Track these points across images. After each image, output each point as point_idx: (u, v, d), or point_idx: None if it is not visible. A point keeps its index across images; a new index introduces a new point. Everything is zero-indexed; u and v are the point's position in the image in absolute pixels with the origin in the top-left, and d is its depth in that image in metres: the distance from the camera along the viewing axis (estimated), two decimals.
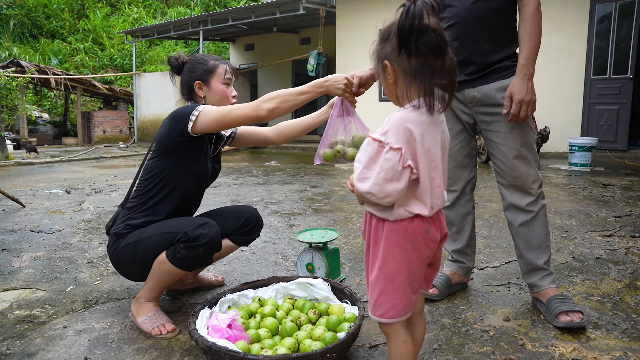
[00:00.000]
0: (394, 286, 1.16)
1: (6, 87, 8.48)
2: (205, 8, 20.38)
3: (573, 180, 5.26)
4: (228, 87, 1.99)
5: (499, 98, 1.85)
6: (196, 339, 1.47)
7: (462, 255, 2.12)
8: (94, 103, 16.82)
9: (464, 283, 2.16)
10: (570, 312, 1.78)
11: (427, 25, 1.05)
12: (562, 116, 7.70)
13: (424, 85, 1.09)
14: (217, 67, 1.97)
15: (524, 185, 1.89)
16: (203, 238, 1.70)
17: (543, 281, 1.92)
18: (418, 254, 1.16)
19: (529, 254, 1.92)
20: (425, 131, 1.11)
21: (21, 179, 6.25)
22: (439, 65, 1.08)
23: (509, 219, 1.97)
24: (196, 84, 1.95)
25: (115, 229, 1.87)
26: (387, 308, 1.17)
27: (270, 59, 13.12)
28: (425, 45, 1.06)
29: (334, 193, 4.78)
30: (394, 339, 1.21)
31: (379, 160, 1.08)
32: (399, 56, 1.09)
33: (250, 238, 2.09)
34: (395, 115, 1.12)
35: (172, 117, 1.84)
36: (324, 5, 9.69)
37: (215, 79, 1.96)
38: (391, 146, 1.07)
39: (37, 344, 1.72)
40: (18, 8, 19.40)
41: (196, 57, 2.01)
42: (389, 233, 1.16)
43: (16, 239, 3.14)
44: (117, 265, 1.89)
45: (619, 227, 3.18)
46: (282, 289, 1.91)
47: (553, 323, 1.79)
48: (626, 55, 7.32)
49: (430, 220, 1.17)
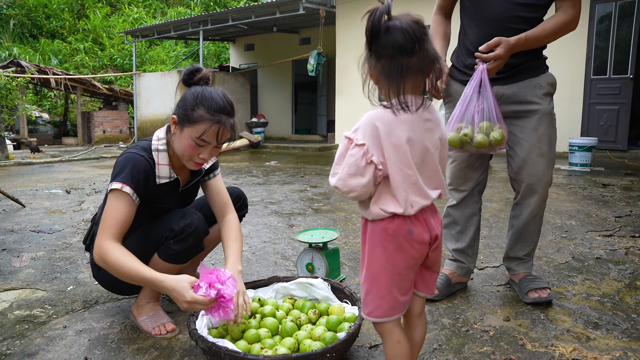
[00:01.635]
0: (378, 286, 1.18)
1: (6, 87, 8.48)
2: (205, 8, 20.38)
3: (573, 180, 5.26)
4: (200, 147, 1.62)
5: (530, 95, 1.90)
6: (196, 339, 1.47)
7: (462, 255, 2.12)
8: (94, 103, 16.82)
9: (463, 283, 2.17)
10: (538, 289, 1.96)
11: (392, 25, 1.08)
12: (562, 116, 7.65)
13: (395, 83, 1.11)
14: (200, 122, 1.58)
15: (537, 184, 1.94)
16: (189, 227, 1.72)
17: (519, 267, 2.10)
18: (403, 255, 1.16)
19: (514, 245, 2.08)
20: (394, 128, 1.11)
21: (21, 179, 6.25)
22: (411, 63, 1.09)
23: (515, 212, 2.06)
24: (172, 117, 1.66)
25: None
26: (372, 307, 1.20)
27: (270, 59, 13.12)
28: (390, 45, 1.08)
29: (334, 193, 4.78)
30: (388, 339, 1.22)
31: (346, 157, 1.13)
32: (370, 58, 1.13)
33: (242, 214, 2.13)
34: (368, 112, 1.14)
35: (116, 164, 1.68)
36: (324, 5, 9.70)
37: (189, 130, 1.60)
38: (356, 142, 1.11)
39: (37, 344, 1.72)
40: (18, 8, 19.40)
41: (205, 90, 1.62)
42: (371, 233, 1.19)
43: (16, 239, 3.14)
44: (110, 288, 1.88)
45: (619, 227, 3.18)
46: (282, 289, 1.91)
47: (524, 300, 1.98)
48: (626, 55, 7.32)
49: (415, 220, 1.16)
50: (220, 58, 19.20)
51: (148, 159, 1.71)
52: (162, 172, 1.73)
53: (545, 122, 1.91)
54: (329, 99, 12.21)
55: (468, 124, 1.73)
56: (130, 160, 1.66)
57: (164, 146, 1.74)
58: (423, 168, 1.16)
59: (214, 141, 1.62)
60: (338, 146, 1.35)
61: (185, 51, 19.83)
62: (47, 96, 16.61)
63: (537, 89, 1.90)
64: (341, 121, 10.22)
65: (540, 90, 1.91)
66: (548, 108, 1.93)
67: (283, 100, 13.79)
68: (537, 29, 1.79)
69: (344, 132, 1.16)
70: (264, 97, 14.27)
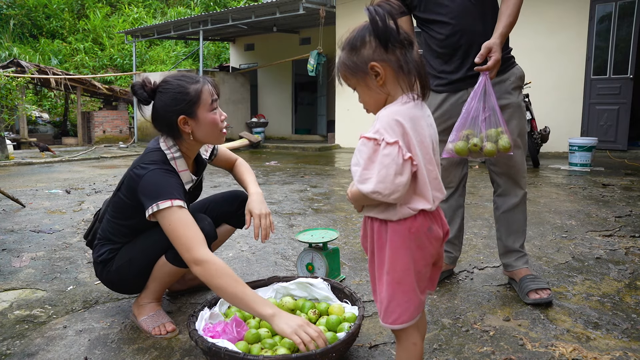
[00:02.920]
0: (403, 289, 1.15)
1: (6, 87, 8.47)
2: (205, 8, 20.38)
3: (573, 180, 5.26)
4: (216, 111, 1.72)
5: (500, 91, 1.97)
6: (196, 340, 1.47)
7: (450, 245, 2.27)
8: (94, 103, 16.81)
9: (450, 270, 2.32)
10: (539, 289, 1.98)
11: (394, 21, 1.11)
12: (562, 116, 7.70)
13: (412, 73, 1.12)
14: (201, 92, 1.67)
15: (517, 175, 2.06)
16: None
17: (517, 262, 2.12)
18: (422, 252, 1.15)
19: (507, 238, 2.13)
20: (416, 124, 1.11)
21: (21, 179, 6.24)
22: (412, 55, 1.13)
23: (498, 204, 2.16)
24: (180, 119, 1.67)
25: (99, 257, 1.82)
26: (399, 313, 1.15)
27: (270, 59, 13.12)
28: (403, 37, 1.11)
29: (334, 193, 4.78)
30: (404, 340, 1.20)
31: (378, 158, 1.07)
32: (386, 53, 1.11)
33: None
34: (384, 112, 1.12)
35: (143, 186, 1.62)
36: (324, 5, 9.69)
37: (202, 109, 1.67)
38: (387, 141, 1.06)
39: (37, 344, 1.72)
40: (18, 8, 19.39)
41: (171, 83, 1.68)
42: (393, 234, 1.14)
43: (16, 239, 3.14)
44: (113, 287, 1.89)
45: (619, 227, 3.18)
46: (282, 289, 1.91)
47: (524, 300, 2.00)
48: (626, 55, 7.32)
49: (433, 217, 1.17)
50: (220, 58, 19.20)
51: (170, 171, 1.70)
52: (185, 178, 1.77)
53: (517, 115, 2.00)
54: (329, 99, 12.20)
55: (476, 133, 1.75)
56: (160, 177, 1.63)
57: (178, 152, 1.75)
58: (436, 162, 1.18)
59: (216, 96, 1.74)
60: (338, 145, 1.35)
61: (185, 51, 19.83)
62: (47, 96, 16.61)
63: (506, 84, 1.99)
64: (341, 121, 10.22)
65: (509, 85, 2.00)
66: (518, 101, 2.02)
67: (283, 100, 13.79)
68: (504, 15, 1.85)
69: (361, 134, 1.11)
70: (264, 97, 14.27)
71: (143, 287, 1.85)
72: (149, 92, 1.70)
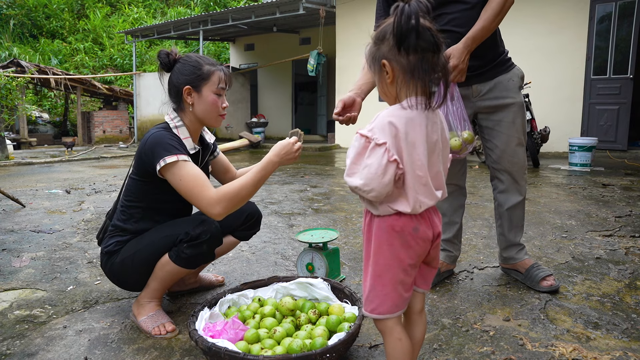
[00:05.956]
0: (382, 282, 1.18)
1: (6, 87, 8.47)
2: (205, 8, 20.38)
3: (573, 180, 5.26)
4: (220, 97, 1.84)
5: (505, 90, 2.02)
6: (196, 340, 1.47)
7: (450, 245, 2.27)
8: (94, 103, 16.82)
9: (450, 270, 2.30)
10: (547, 276, 2.09)
11: (424, 23, 1.08)
12: (562, 116, 7.70)
13: (421, 80, 1.12)
14: (212, 73, 1.80)
15: (519, 172, 2.11)
16: (205, 235, 1.73)
17: (519, 254, 2.20)
18: (407, 251, 1.17)
19: (509, 232, 2.18)
20: (411, 128, 1.12)
21: (21, 179, 6.24)
22: (435, 61, 1.12)
23: (500, 201, 2.18)
24: (185, 89, 1.80)
25: (106, 248, 1.85)
26: (376, 304, 1.20)
27: (270, 59, 13.12)
28: (424, 42, 1.09)
29: (334, 193, 4.78)
30: (388, 336, 1.22)
31: (365, 156, 1.11)
32: (398, 54, 1.11)
33: (252, 232, 2.15)
34: (384, 112, 1.14)
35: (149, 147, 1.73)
36: (324, 5, 9.70)
37: (207, 87, 1.80)
38: (376, 142, 1.09)
39: (37, 344, 1.72)
40: (18, 8, 19.40)
41: (190, 57, 1.85)
42: (378, 229, 1.19)
43: (16, 239, 3.14)
44: (116, 280, 1.89)
45: (619, 227, 3.18)
46: (282, 289, 1.91)
47: (536, 289, 2.09)
48: (626, 55, 7.32)
49: (420, 218, 1.18)
50: (220, 58, 19.19)
51: (174, 136, 1.80)
52: (188, 145, 1.83)
53: (520, 113, 2.06)
54: (329, 99, 12.20)
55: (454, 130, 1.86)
56: (163, 137, 1.74)
57: (180, 122, 1.84)
58: (430, 169, 1.17)
59: (227, 85, 1.85)
60: (338, 145, 1.34)
61: (185, 51, 19.81)
62: (47, 96, 16.61)
63: (510, 84, 2.04)
64: None
65: (513, 84, 2.04)
66: (520, 100, 2.07)
67: (283, 100, 13.79)
68: (480, 19, 1.86)
69: (358, 130, 1.14)
70: (264, 97, 14.27)
71: (144, 284, 1.85)
72: (172, 61, 1.84)
